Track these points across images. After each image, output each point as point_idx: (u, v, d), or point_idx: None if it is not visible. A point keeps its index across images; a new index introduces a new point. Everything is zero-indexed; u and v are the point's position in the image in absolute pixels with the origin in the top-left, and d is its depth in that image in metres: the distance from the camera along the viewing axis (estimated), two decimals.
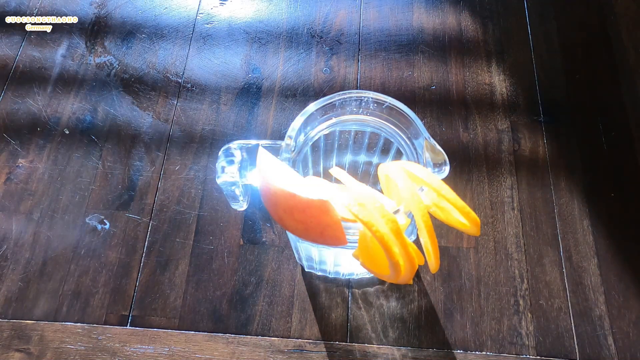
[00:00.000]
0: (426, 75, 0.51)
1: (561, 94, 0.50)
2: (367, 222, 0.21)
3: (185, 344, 0.39)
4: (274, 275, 0.42)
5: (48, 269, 0.42)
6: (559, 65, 0.52)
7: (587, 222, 0.44)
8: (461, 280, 0.34)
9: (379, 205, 0.22)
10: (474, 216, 0.23)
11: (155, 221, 0.44)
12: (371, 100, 0.30)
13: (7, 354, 0.39)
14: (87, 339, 0.39)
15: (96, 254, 0.43)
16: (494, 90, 0.50)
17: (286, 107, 0.49)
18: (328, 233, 0.23)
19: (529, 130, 0.48)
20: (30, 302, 0.41)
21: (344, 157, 0.39)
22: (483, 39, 0.53)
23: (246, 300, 0.41)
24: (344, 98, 0.30)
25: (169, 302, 0.41)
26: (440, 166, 0.28)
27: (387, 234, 0.21)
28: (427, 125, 0.48)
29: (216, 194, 0.45)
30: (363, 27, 0.54)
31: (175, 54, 0.52)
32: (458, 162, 0.47)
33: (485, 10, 0.55)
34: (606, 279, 0.42)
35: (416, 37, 0.53)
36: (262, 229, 0.44)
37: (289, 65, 0.52)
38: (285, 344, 0.39)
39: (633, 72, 0.51)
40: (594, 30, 0.54)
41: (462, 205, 0.23)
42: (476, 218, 0.23)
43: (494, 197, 0.45)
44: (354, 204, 0.22)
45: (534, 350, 0.39)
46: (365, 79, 0.51)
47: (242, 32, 0.54)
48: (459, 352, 0.39)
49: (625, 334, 0.40)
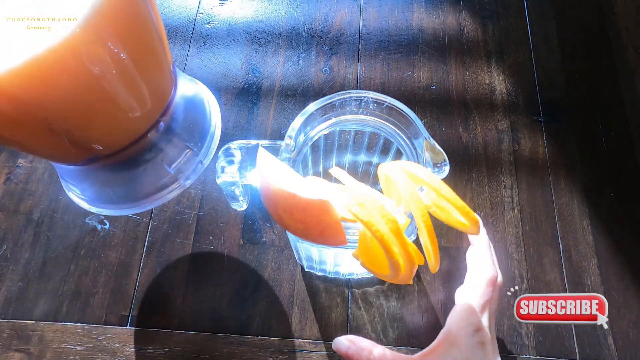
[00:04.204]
0: (426, 75, 0.51)
1: (561, 94, 0.50)
2: (366, 222, 0.21)
3: (185, 344, 0.39)
4: (274, 275, 0.42)
5: (48, 269, 0.42)
6: (558, 65, 0.52)
7: (587, 222, 0.44)
8: (461, 280, 0.34)
9: (379, 205, 0.22)
10: (473, 216, 0.23)
11: (155, 221, 0.44)
12: (371, 100, 0.31)
13: (7, 354, 0.39)
14: (87, 339, 0.39)
15: (96, 254, 0.43)
16: (493, 90, 0.50)
17: (286, 107, 0.49)
18: (328, 233, 0.23)
19: (528, 130, 0.48)
20: (30, 302, 0.41)
21: (343, 157, 0.39)
22: (483, 38, 0.53)
23: (246, 300, 0.41)
24: (344, 98, 0.30)
25: (169, 302, 0.41)
26: (440, 166, 0.28)
27: (387, 234, 0.21)
28: (427, 125, 0.48)
29: (216, 194, 0.45)
30: (363, 27, 0.54)
31: (175, 54, 0.52)
32: (458, 162, 0.47)
33: (485, 10, 0.55)
34: (606, 279, 0.42)
35: (416, 37, 0.53)
36: (262, 229, 0.44)
37: (289, 65, 0.52)
38: (285, 344, 0.39)
39: (633, 72, 0.51)
40: (594, 30, 0.54)
41: (462, 205, 0.23)
42: (475, 218, 0.23)
43: (494, 197, 0.45)
44: (354, 203, 0.22)
45: (534, 350, 0.39)
46: (365, 79, 0.51)
47: (241, 32, 0.54)
48: None
49: (625, 334, 0.40)
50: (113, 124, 0.25)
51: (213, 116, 0.32)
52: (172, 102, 0.28)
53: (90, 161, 0.26)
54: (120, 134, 0.26)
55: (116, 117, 0.25)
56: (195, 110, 0.31)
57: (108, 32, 0.21)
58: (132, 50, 0.23)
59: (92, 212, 0.29)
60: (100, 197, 0.29)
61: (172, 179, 0.29)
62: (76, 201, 0.30)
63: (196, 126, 0.30)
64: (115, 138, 0.26)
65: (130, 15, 0.23)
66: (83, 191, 0.29)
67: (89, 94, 0.22)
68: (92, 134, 0.25)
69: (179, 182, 0.29)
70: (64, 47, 0.19)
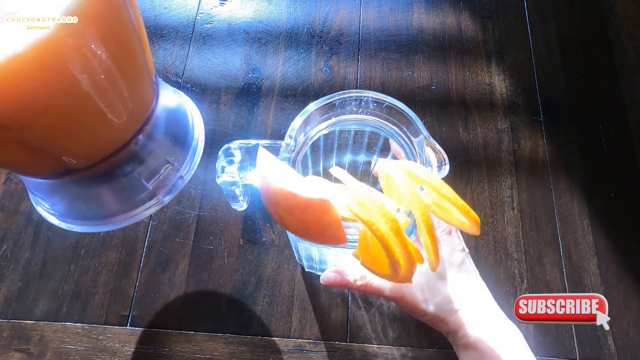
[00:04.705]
0: (426, 75, 0.51)
1: (561, 94, 0.50)
2: (367, 221, 0.21)
3: (185, 344, 0.39)
4: (274, 275, 0.42)
5: (48, 269, 0.42)
6: (558, 65, 0.52)
7: (587, 222, 0.44)
8: None
9: (379, 204, 0.22)
10: (474, 215, 0.23)
11: (155, 221, 0.44)
12: (371, 99, 0.31)
13: (7, 354, 0.39)
14: (87, 339, 0.39)
15: (96, 254, 0.43)
16: (493, 90, 0.50)
17: (286, 107, 0.49)
18: (328, 232, 0.23)
19: (528, 130, 0.48)
20: (30, 302, 0.41)
21: (343, 156, 0.39)
22: (483, 38, 0.53)
23: (246, 300, 0.41)
24: (344, 97, 0.30)
25: (169, 302, 0.41)
26: (440, 165, 0.28)
27: (388, 233, 0.21)
28: (427, 125, 0.48)
29: (216, 194, 0.45)
30: (363, 27, 0.54)
31: (175, 54, 0.52)
32: (458, 162, 0.47)
33: (485, 10, 0.55)
34: (606, 279, 0.42)
35: (416, 37, 0.53)
36: (261, 229, 0.44)
37: (289, 65, 0.52)
38: (285, 344, 0.39)
39: (632, 72, 0.51)
40: (594, 30, 0.54)
41: (462, 204, 0.23)
42: (476, 217, 0.23)
43: (494, 197, 0.45)
44: (354, 203, 0.22)
45: (534, 351, 0.39)
46: (365, 79, 0.51)
47: (241, 32, 0.54)
48: None
49: (625, 334, 0.40)
50: (89, 134, 0.23)
51: (196, 129, 0.30)
52: (154, 113, 0.27)
53: (61, 174, 0.25)
54: (96, 146, 0.24)
55: (93, 126, 0.23)
56: (177, 123, 0.29)
57: (89, 31, 0.20)
58: (112, 52, 0.21)
59: (62, 227, 0.27)
60: (71, 213, 0.27)
61: (150, 194, 0.27)
62: (45, 216, 0.28)
63: (178, 139, 0.29)
64: (90, 150, 0.24)
65: (112, 14, 0.21)
66: (52, 206, 0.27)
67: (63, 99, 0.20)
68: (65, 146, 0.23)
69: (157, 198, 0.27)
70: (43, 47, 0.18)
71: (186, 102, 0.31)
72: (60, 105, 0.20)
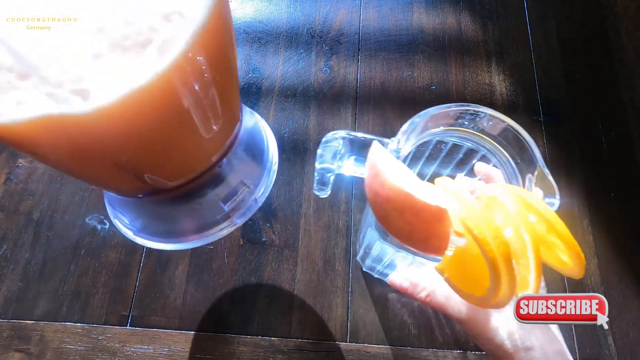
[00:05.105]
0: (426, 75, 0.51)
1: (561, 94, 0.50)
2: (481, 240, 0.20)
3: (185, 344, 0.39)
4: (274, 275, 0.42)
5: (48, 269, 0.42)
6: (558, 65, 0.52)
7: (587, 222, 0.44)
8: None
9: (494, 226, 0.21)
10: (582, 256, 0.21)
11: None
12: (488, 116, 0.29)
13: (7, 354, 0.39)
14: (87, 339, 0.39)
15: (96, 254, 0.43)
16: (493, 90, 0.50)
17: (286, 107, 0.49)
18: (433, 241, 0.22)
19: (528, 130, 0.48)
20: (30, 302, 0.41)
21: (427, 168, 0.37)
22: (483, 39, 0.53)
23: (246, 300, 0.41)
24: (460, 110, 0.29)
25: (169, 302, 0.41)
26: (548, 198, 0.26)
27: (499, 256, 0.20)
28: None
29: None
30: (363, 27, 0.54)
31: None
32: None
33: (485, 11, 0.55)
34: (606, 279, 0.42)
35: (416, 37, 0.53)
36: (262, 229, 0.44)
37: (289, 65, 0.52)
38: (285, 344, 0.39)
39: (632, 72, 0.51)
40: (594, 30, 0.54)
41: (574, 244, 0.21)
42: (583, 259, 0.22)
43: None
44: (470, 218, 0.21)
45: None
46: (365, 79, 0.51)
47: (242, 32, 0.54)
48: (459, 352, 0.39)
49: (625, 334, 0.40)
50: (185, 158, 0.23)
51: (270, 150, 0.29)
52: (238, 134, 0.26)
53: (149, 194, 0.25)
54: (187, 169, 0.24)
55: (189, 150, 0.23)
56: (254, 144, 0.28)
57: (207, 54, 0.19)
58: (217, 78, 0.21)
59: (137, 242, 0.28)
60: (148, 229, 0.27)
61: (225, 216, 0.27)
62: (122, 229, 0.28)
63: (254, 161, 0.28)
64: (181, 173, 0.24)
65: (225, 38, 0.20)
66: (132, 221, 0.28)
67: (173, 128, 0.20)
68: (161, 170, 0.23)
69: (230, 220, 0.27)
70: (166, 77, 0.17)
71: (260, 122, 0.31)
72: (168, 133, 0.20)
